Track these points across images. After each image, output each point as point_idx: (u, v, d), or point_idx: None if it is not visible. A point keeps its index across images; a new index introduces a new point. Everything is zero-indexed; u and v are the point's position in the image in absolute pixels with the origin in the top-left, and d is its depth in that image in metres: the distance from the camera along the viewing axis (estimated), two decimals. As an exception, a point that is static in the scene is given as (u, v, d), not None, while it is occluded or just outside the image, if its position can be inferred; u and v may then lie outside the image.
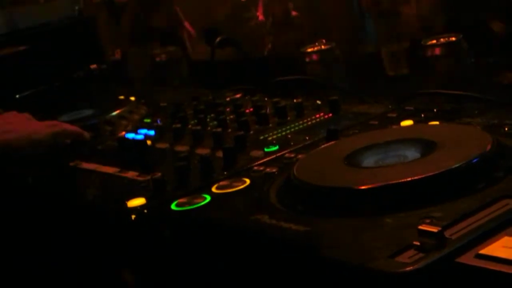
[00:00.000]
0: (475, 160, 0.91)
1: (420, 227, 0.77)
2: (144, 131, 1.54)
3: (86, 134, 1.51)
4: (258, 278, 0.93)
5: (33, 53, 2.06)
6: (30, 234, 1.41)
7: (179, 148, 1.36)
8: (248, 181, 1.07)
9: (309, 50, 1.73)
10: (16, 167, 1.44)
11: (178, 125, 1.45)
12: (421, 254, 0.75)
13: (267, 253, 0.91)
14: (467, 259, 0.74)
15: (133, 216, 1.07)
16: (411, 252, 0.76)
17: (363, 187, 0.91)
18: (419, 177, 0.89)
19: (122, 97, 1.90)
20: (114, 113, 1.70)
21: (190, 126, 1.46)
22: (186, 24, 2.29)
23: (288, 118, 1.38)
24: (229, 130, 1.38)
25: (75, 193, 1.35)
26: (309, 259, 0.84)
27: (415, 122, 1.20)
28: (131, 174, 1.26)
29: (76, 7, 2.69)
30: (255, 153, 1.21)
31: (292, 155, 1.16)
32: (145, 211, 1.07)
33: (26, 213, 1.39)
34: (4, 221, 1.44)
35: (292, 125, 1.34)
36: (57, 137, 1.46)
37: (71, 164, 1.42)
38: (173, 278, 1.08)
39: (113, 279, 1.22)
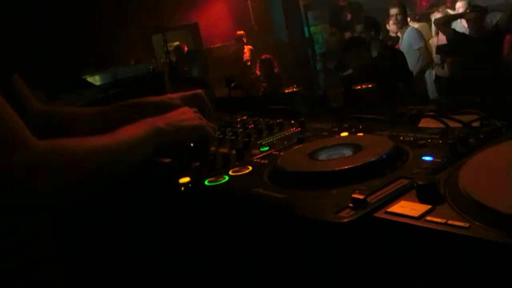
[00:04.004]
0: (384, 156, 0.91)
1: (353, 195, 0.78)
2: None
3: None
4: (255, 229, 0.93)
5: (126, 95, 2.05)
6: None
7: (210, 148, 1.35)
8: (250, 168, 1.07)
9: (286, 91, 1.73)
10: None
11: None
12: (353, 212, 0.76)
13: (261, 211, 0.90)
14: (380, 214, 0.74)
15: (182, 188, 1.06)
16: (347, 210, 0.77)
17: (319, 172, 0.91)
18: (353, 165, 0.89)
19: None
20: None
21: (216, 135, 1.45)
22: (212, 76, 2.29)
23: (274, 131, 1.38)
24: (239, 137, 1.37)
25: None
26: (287, 216, 0.83)
27: (349, 133, 1.19)
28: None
29: (151, 67, 2.72)
30: (255, 151, 1.20)
31: (277, 153, 1.15)
32: (190, 185, 1.06)
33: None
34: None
35: (277, 135, 1.33)
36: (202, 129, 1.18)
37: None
38: (203, 231, 1.07)
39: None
